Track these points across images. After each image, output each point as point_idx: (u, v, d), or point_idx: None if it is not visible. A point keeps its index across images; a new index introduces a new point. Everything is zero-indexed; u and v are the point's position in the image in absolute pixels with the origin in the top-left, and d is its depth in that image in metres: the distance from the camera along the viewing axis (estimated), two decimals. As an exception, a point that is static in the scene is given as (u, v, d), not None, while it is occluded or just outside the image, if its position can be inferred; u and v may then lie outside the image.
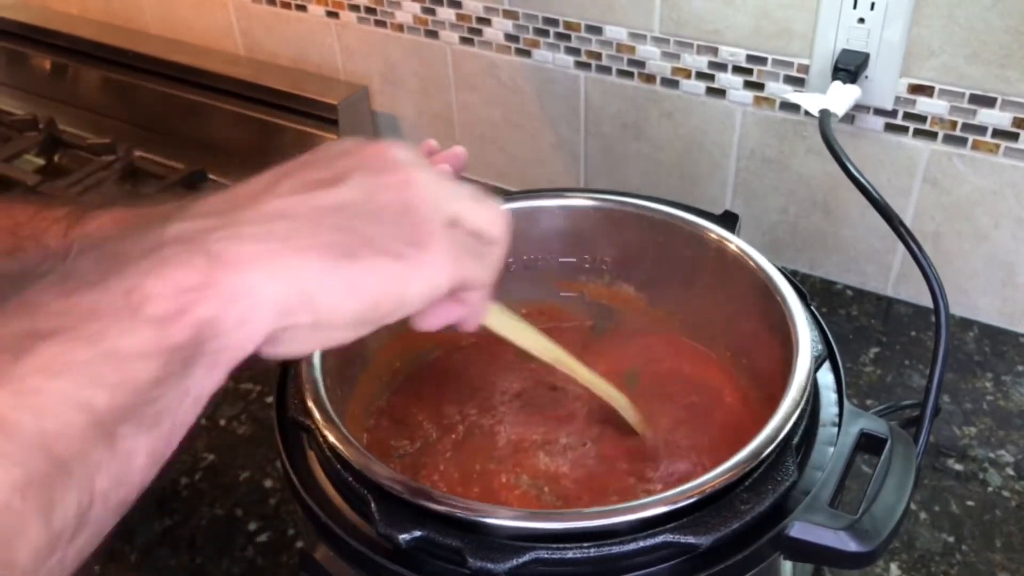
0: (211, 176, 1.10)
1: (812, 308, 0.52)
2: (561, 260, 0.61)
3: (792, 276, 0.54)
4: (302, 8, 1.10)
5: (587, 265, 0.61)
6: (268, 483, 0.75)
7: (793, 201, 0.89)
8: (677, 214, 0.57)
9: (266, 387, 0.83)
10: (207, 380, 0.30)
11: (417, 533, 0.40)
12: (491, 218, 0.37)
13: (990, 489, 0.71)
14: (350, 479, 0.43)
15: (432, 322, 0.38)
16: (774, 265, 0.53)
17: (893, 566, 0.66)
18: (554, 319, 0.63)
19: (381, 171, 0.34)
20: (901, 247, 0.86)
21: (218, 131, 1.16)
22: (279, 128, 1.11)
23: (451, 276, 0.34)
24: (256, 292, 0.29)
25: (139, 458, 0.28)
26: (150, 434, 0.28)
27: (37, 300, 0.28)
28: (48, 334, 0.27)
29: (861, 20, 0.76)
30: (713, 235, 0.55)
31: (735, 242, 0.55)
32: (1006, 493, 0.71)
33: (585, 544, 0.40)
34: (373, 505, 0.41)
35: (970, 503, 0.70)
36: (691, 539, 0.40)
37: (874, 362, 0.82)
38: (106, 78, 1.24)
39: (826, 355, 0.49)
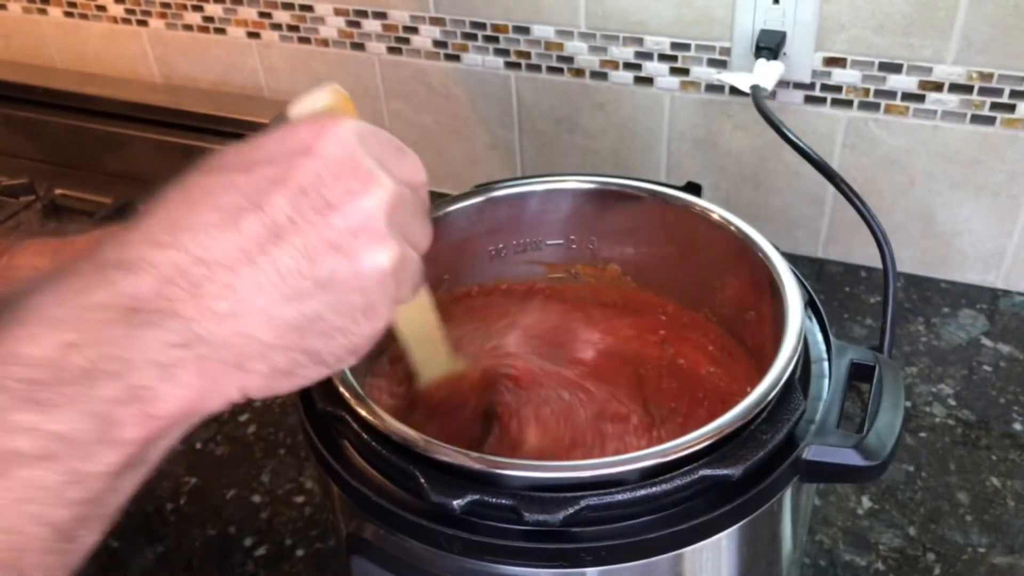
0: (141, 208, 1.08)
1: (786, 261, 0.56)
2: (549, 243, 0.64)
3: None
4: (221, 31, 1.09)
5: (574, 246, 0.64)
6: (256, 498, 0.75)
7: (724, 178, 0.95)
8: (656, 189, 0.60)
9: (238, 408, 0.83)
10: (146, 470, 0.33)
11: (470, 497, 0.42)
12: (417, 169, 0.39)
13: (937, 420, 0.78)
14: (394, 457, 0.44)
15: None
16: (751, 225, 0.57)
17: (864, 499, 0.72)
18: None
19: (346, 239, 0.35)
20: (829, 211, 0.92)
21: (141, 161, 1.14)
22: (207, 153, 1.09)
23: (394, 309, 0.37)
24: (207, 406, 0.34)
25: (87, 546, 0.32)
26: (100, 527, 0.32)
27: (8, 417, 0.29)
28: (25, 459, 0.29)
29: (776, 1, 0.82)
30: (696, 206, 0.59)
31: (716, 211, 0.58)
32: (951, 421, 0.77)
33: (630, 486, 0.42)
34: (422, 478, 0.43)
35: (922, 434, 0.76)
36: (725, 471, 0.43)
37: (817, 318, 0.88)
38: (13, 117, 1.20)
39: (808, 299, 0.53)
